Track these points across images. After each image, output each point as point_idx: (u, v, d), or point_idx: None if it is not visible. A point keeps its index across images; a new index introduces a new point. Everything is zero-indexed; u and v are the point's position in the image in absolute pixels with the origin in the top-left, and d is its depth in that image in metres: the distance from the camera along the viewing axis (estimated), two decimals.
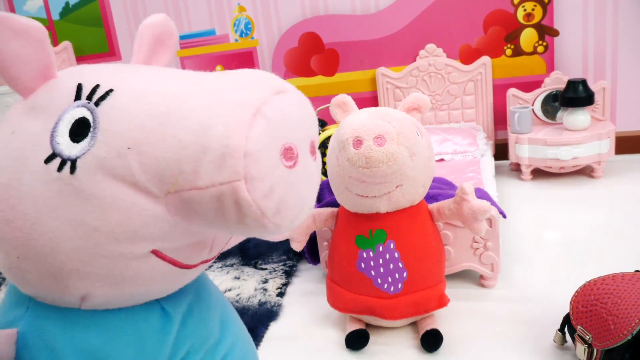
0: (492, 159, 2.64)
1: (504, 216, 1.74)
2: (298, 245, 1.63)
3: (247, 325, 1.68)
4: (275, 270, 2.03)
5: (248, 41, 3.18)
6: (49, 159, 0.62)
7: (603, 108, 2.65)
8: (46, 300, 0.69)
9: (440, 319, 1.60)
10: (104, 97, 0.63)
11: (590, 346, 1.25)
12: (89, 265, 0.64)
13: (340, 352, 1.54)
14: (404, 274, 1.46)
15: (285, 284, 1.94)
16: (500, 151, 2.96)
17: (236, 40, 3.20)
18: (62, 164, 0.62)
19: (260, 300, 1.84)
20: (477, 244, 1.71)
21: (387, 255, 1.46)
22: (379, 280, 1.47)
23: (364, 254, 1.47)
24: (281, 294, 1.88)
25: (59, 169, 0.62)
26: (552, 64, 2.80)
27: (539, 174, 2.70)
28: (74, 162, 0.61)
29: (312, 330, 1.67)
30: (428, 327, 1.52)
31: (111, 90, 0.64)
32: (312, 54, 3.12)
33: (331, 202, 1.74)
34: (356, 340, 1.53)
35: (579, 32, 2.73)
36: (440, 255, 1.55)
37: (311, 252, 1.91)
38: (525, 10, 2.76)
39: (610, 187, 2.47)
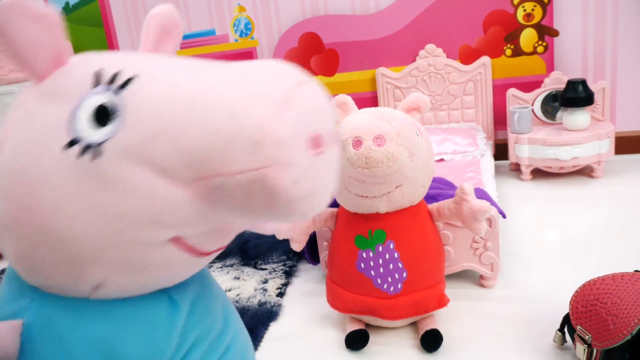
0: (492, 159, 2.64)
1: (504, 216, 1.74)
2: (298, 246, 1.63)
3: (247, 326, 1.68)
4: (275, 271, 2.03)
5: (248, 41, 3.19)
6: (70, 145, 0.62)
7: (603, 108, 2.65)
8: (54, 290, 0.69)
9: (440, 319, 1.60)
10: (128, 83, 0.63)
11: (590, 346, 1.26)
12: (110, 251, 0.64)
13: (340, 353, 1.54)
14: (404, 274, 1.46)
15: (285, 284, 1.94)
16: (500, 151, 2.96)
17: (236, 40, 3.21)
18: (85, 149, 0.61)
19: (260, 300, 1.84)
20: (477, 244, 1.71)
21: (387, 256, 1.46)
22: (379, 280, 1.47)
23: (364, 254, 1.48)
24: (281, 294, 1.88)
25: (82, 154, 0.61)
26: (552, 64, 2.80)
27: (538, 174, 2.70)
28: (98, 147, 0.61)
29: (312, 330, 1.67)
30: (428, 327, 1.52)
31: (134, 76, 0.64)
32: (312, 54, 3.12)
33: (331, 202, 1.74)
34: (356, 341, 1.53)
35: (579, 32, 2.74)
36: (440, 255, 1.55)
37: (311, 252, 1.92)
38: (525, 10, 2.76)
39: (610, 187, 2.47)
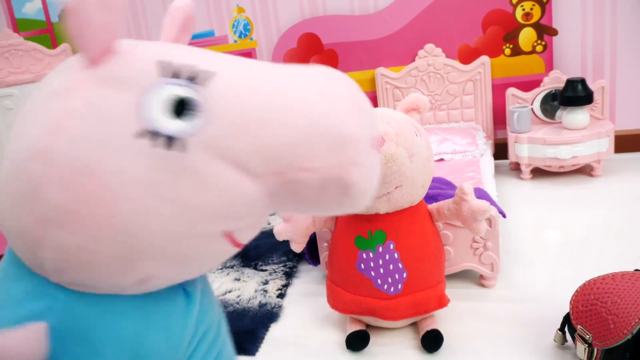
0: (492, 158, 2.64)
1: (504, 216, 1.74)
2: (298, 247, 1.63)
3: (248, 327, 1.70)
4: (275, 272, 2.03)
5: (247, 42, 3.19)
6: (143, 134, 0.60)
7: (602, 107, 2.65)
8: (86, 287, 0.66)
9: (440, 319, 1.60)
10: (207, 78, 0.63)
11: (590, 345, 1.26)
12: (173, 245, 0.63)
13: (340, 353, 1.54)
14: (404, 275, 1.46)
15: (286, 285, 1.94)
16: (500, 151, 2.96)
17: (235, 41, 3.20)
18: (164, 140, 0.60)
19: (260, 301, 1.84)
20: (477, 244, 1.71)
21: (387, 256, 1.46)
22: (379, 281, 1.47)
23: (364, 255, 1.47)
24: (281, 295, 1.88)
25: (158, 145, 0.60)
26: (551, 63, 2.80)
27: (538, 173, 2.70)
28: (178, 139, 0.60)
29: (313, 331, 1.67)
30: (428, 328, 1.52)
31: (212, 72, 0.64)
32: (311, 55, 3.12)
33: None
34: (356, 341, 1.53)
35: (578, 31, 2.74)
36: (440, 255, 1.55)
37: (311, 253, 1.91)
38: (523, 9, 2.76)
39: (609, 186, 2.47)
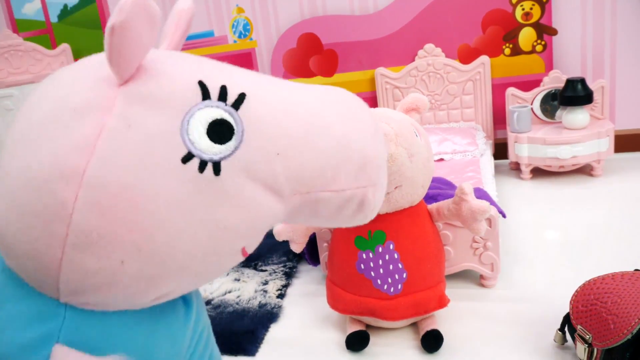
0: (492, 158, 2.63)
1: (504, 216, 1.74)
2: (297, 247, 1.63)
3: (248, 327, 1.70)
4: (275, 272, 2.03)
5: (247, 42, 3.18)
6: (187, 159, 0.60)
7: (602, 106, 2.65)
8: (101, 306, 0.64)
9: (440, 320, 1.60)
10: (241, 101, 0.64)
11: (590, 345, 1.25)
12: (198, 264, 0.64)
13: (340, 354, 1.54)
14: (404, 275, 1.46)
15: (286, 286, 1.94)
16: (500, 150, 2.96)
17: (235, 41, 3.20)
18: (203, 164, 0.60)
19: (260, 302, 1.84)
20: (477, 244, 1.71)
21: (387, 256, 1.46)
22: (379, 281, 1.47)
23: (364, 255, 1.47)
24: (281, 296, 1.88)
25: (197, 168, 0.60)
26: (551, 63, 2.80)
27: (538, 173, 2.70)
28: (217, 163, 0.61)
29: (312, 331, 1.67)
30: (428, 328, 1.52)
31: (245, 94, 0.64)
32: (311, 55, 3.12)
33: None
34: (356, 342, 1.53)
35: (578, 31, 2.73)
36: (440, 255, 1.55)
37: (311, 253, 1.91)
38: (523, 9, 2.76)
39: (609, 186, 2.47)
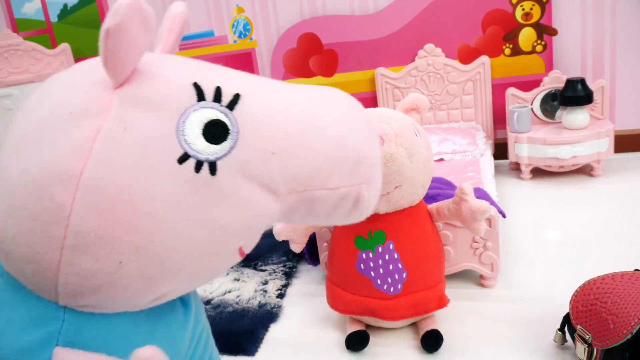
0: (492, 158, 2.63)
1: (504, 216, 1.74)
2: (297, 247, 1.63)
3: (247, 327, 1.70)
4: (275, 272, 2.03)
5: (247, 42, 3.18)
6: (183, 159, 0.61)
7: (602, 107, 2.65)
8: (100, 308, 0.64)
9: (440, 320, 1.60)
10: (235, 101, 0.64)
11: (590, 345, 1.25)
12: (196, 263, 0.64)
13: (340, 354, 1.54)
14: (404, 275, 1.46)
15: (285, 286, 1.94)
16: (500, 151, 2.96)
17: (235, 41, 3.20)
18: (199, 165, 0.61)
19: (260, 301, 1.84)
20: (477, 244, 1.71)
21: (387, 256, 1.46)
22: (379, 281, 1.47)
23: (364, 255, 1.47)
24: (281, 296, 1.88)
25: (194, 169, 0.61)
26: (551, 63, 2.80)
27: (538, 173, 2.70)
28: (213, 163, 0.62)
29: (312, 331, 1.67)
30: (428, 328, 1.52)
31: (240, 95, 0.65)
32: (311, 55, 3.12)
33: None
34: (356, 342, 1.53)
35: (578, 31, 2.73)
36: (439, 255, 1.55)
37: (311, 253, 1.91)
38: (523, 9, 2.76)
39: (609, 186, 2.47)
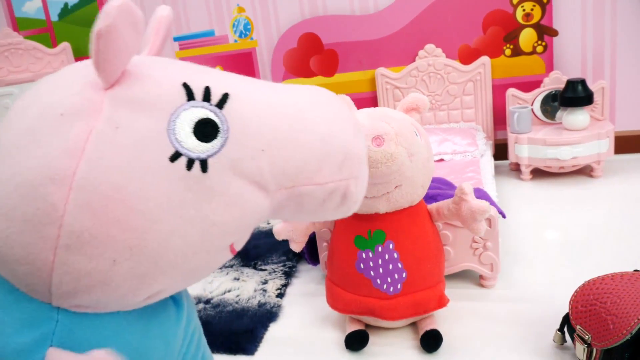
0: (492, 159, 2.64)
1: (504, 216, 1.74)
2: (297, 246, 1.63)
3: (247, 327, 1.70)
4: (274, 271, 2.03)
5: (247, 42, 3.19)
6: (174, 158, 0.62)
7: (602, 108, 2.65)
8: (94, 308, 0.65)
9: (439, 319, 1.60)
10: (224, 100, 0.66)
11: (589, 346, 1.25)
12: (189, 261, 0.65)
13: (340, 353, 1.54)
14: (404, 275, 1.46)
15: (285, 285, 1.94)
16: (500, 151, 2.96)
17: (235, 41, 3.20)
18: (190, 163, 0.62)
19: (259, 301, 1.84)
20: (477, 244, 1.71)
21: (387, 256, 1.46)
22: (379, 280, 1.47)
23: (363, 255, 1.47)
24: (281, 295, 1.88)
25: (185, 167, 0.62)
26: (551, 63, 2.80)
27: (538, 173, 2.70)
28: (204, 161, 0.63)
29: (312, 331, 1.67)
30: (428, 328, 1.52)
31: (228, 94, 0.66)
32: (311, 55, 3.12)
33: None
34: (356, 341, 1.53)
35: (578, 32, 2.73)
36: (439, 255, 1.55)
37: (311, 253, 1.91)
38: (524, 10, 2.76)
39: (609, 187, 2.47)
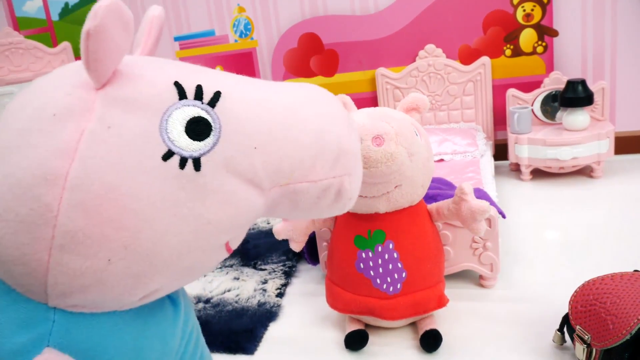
0: (492, 159, 2.64)
1: (504, 216, 1.74)
2: (297, 246, 1.63)
3: (247, 326, 1.70)
4: (274, 271, 2.03)
5: (247, 42, 3.19)
6: (167, 156, 0.62)
7: (602, 108, 2.65)
8: (90, 307, 0.65)
9: (439, 319, 1.60)
10: (216, 98, 0.66)
11: (589, 346, 1.25)
12: (184, 259, 0.65)
13: (339, 353, 1.54)
14: (403, 274, 1.46)
15: (285, 285, 1.94)
16: (500, 151, 2.96)
17: (236, 40, 3.20)
18: (183, 161, 0.62)
19: (259, 300, 1.84)
20: (477, 244, 1.71)
21: (386, 256, 1.46)
22: (378, 280, 1.47)
23: (363, 255, 1.47)
24: (280, 295, 1.88)
25: (179, 166, 0.62)
26: (552, 64, 2.80)
27: (538, 174, 2.70)
28: (197, 159, 0.63)
29: (312, 330, 1.67)
30: (427, 328, 1.52)
31: (220, 92, 0.66)
32: (311, 55, 3.12)
33: None
34: (355, 341, 1.53)
35: (578, 32, 2.73)
36: (439, 255, 1.55)
37: (310, 252, 1.91)
38: (524, 10, 2.76)
39: (609, 187, 2.47)
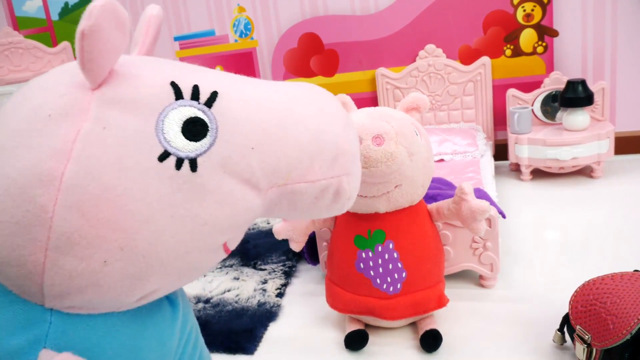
0: (492, 159, 2.64)
1: (504, 216, 1.74)
2: (297, 246, 1.63)
3: (247, 326, 1.70)
4: (274, 271, 2.03)
5: (248, 42, 3.19)
6: (163, 157, 0.61)
7: (602, 108, 2.65)
8: (87, 309, 0.64)
9: (439, 319, 1.60)
10: (213, 99, 0.65)
11: (589, 346, 1.25)
12: (181, 260, 0.65)
13: (339, 353, 1.54)
14: (403, 274, 1.46)
15: (285, 285, 1.94)
16: (500, 151, 2.96)
17: (236, 40, 3.20)
18: (180, 162, 0.62)
19: (259, 300, 1.84)
20: (477, 244, 1.71)
21: (386, 256, 1.46)
22: (378, 280, 1.47)
23: (363, 254, 1.47)
24: (280, 295, 1.88)
25: (175, 166, 0.61)
26: (552, 64, 2.80)
27: (538, 174, 2.70)
28: (194, 160, 0.62)
29: (311, 330, 1.67)
30: (427, 328, 1.52)
31: (217, 92, 0.66)
32: (311, 55, 3.12)
33: None
34: (355, 341, 1.53)
35: (579, 32, 2.73)
36: (439, 255, 1.55)
37: (310, 252, 1.91)
38: (524, 10, 2.76)
39: (609, 187, 2.47)
